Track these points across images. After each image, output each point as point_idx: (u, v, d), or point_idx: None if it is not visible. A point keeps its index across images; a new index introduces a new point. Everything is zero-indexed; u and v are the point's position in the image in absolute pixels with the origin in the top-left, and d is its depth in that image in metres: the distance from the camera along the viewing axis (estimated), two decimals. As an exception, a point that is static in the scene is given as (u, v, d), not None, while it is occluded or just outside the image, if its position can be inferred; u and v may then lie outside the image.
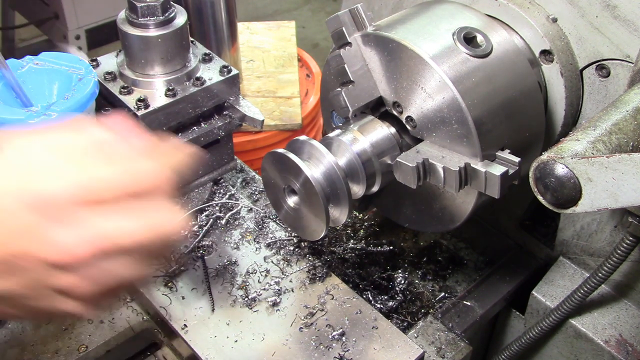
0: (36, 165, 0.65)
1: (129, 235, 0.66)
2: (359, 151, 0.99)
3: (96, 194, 0.65)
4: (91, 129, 0.69)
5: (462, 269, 1.40)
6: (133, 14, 1.10)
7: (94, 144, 0.68)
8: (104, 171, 0.66)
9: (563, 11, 1.10)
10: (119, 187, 0.66)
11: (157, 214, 0.69)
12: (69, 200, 0.64)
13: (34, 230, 0.63)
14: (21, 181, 0.64)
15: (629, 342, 1.20)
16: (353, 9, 1.01)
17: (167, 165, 0.71)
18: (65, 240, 0.63)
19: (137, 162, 0.69)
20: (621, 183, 0.76)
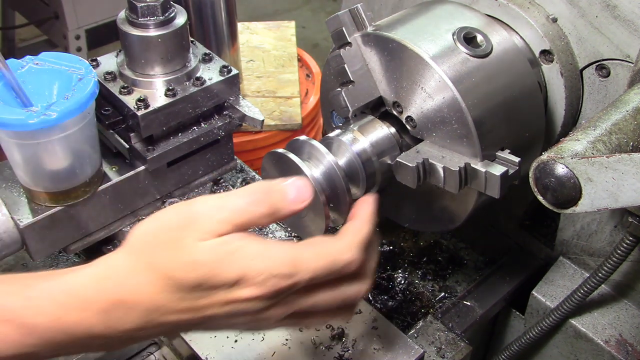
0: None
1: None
2: (359, 151, 0.99)
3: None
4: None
5: (462, 269, 1.40)
6: (133, 14, 1.09)
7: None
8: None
9: (563, 11, 1.10)
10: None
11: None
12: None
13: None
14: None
15: (629, 342, 1.20)
16: (353, 9, 1.01)
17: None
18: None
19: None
20: (621, 183, 0.76)
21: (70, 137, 1.00)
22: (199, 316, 0.77)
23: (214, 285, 0.75)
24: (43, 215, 1.06)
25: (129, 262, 0.77)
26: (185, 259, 0.74)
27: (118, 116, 1.13)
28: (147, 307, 0.76)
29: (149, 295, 0.75)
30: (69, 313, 0.75)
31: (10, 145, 1.00)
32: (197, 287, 0.75)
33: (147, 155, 1.14)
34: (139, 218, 1.22)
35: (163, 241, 0.76)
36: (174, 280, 0.75)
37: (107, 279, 0.77)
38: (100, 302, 0.75)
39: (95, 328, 0.76)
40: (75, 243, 1.14)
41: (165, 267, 0.75)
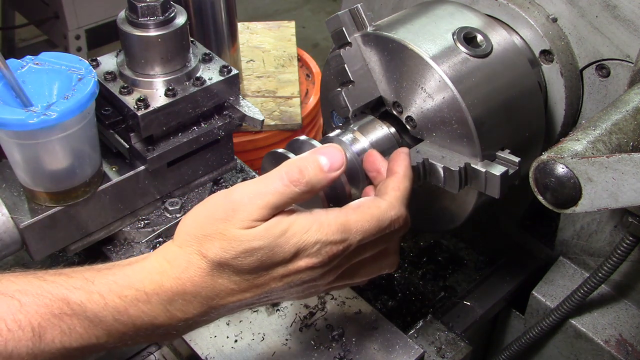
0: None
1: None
2: (359, 151, 0.99)
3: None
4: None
5: (462, 269, 1.41)
6: (133, 14, 1.09)
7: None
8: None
9: (563, 11, 1.10)
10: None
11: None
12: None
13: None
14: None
15: (629, 342, 1.20)
16: (353, 9, 1.01)
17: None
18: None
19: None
20: (621, 183, 0.76)
21: (70, 137, 1.00)
22: (259, 292, 0.82)
23: (272, 264, 0.79)
24: (43, 215, 1.06)
25: (183, 255, 0.81)
26: (237, 249, 0.78)
27: (118, 116, 1.13)
28: (207, 295, 0.80)
29: (208, 283, 0.80)
30: (133, 306, 0.79)
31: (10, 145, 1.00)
32: (255, 269, 0.79)
33: (147, 155, 1.14)
34: (138, 218, 1.22)
35: (211, 234, 0.79)
36: (232, 268, 0.79)
37: (164, 272, 0.80)
38: (162, 294, 0.79)
39: (159, 319, 0.80)
40: (75, 243, 1.14)
41: (219, 258, 0.78)
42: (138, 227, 1.21)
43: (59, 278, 0.80)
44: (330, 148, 0.83)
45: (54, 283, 0.79)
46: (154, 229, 1.21)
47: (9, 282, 0.78)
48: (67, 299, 0.78)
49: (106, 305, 0.78)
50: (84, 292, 0.79)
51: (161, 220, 1.23)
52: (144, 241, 1.20)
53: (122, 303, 0.79)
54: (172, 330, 0.83)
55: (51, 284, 0.79)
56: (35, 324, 0.75)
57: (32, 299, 0.76)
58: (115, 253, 1.20)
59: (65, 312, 0.77)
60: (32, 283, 0.78)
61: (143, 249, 1.20)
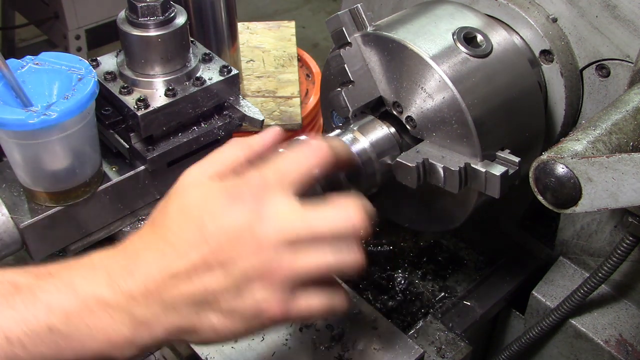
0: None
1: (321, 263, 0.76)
2: (359, 151, 0.99)
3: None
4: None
5: (462, 269, 1.40)
6: (133, 14, 1.09)
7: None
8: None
9: (563, 11, 1.10)
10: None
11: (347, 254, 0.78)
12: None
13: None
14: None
15: (629, 342, 1.20)
16: (353, 9, 1.01)
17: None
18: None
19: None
20: (621, 183, 0.76)
21: (70, 137, 1.00)
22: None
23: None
24: (43, 215, 1.06)
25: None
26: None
27: (118, 116, 1.13)
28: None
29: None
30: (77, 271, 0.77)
31: (10, 145, 1.00)
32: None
33: (147, 155, 1.14)
34: (139, 218, 1.22)
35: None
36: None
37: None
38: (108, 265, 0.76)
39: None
40: (75, 243, 1.14)
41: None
42: (138, 227, 1.21)
43: (8, 269, 0.76)
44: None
45: (2, 270, 0.75)
46: (154, 229, 1.21)
47: None
48: (14, 281, 0.74)
49: (58, 281, 0.75)
50: (32, 275, 0.76)
51: (161, 220, 1.22)
52: (144, 241, 1.20)
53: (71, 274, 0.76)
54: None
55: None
56: None
57: None
58: (115, 253, 1.19)
59: (10, 291, 0.72)
60: None
61: (143, 249, 1.20)
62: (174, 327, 0.74)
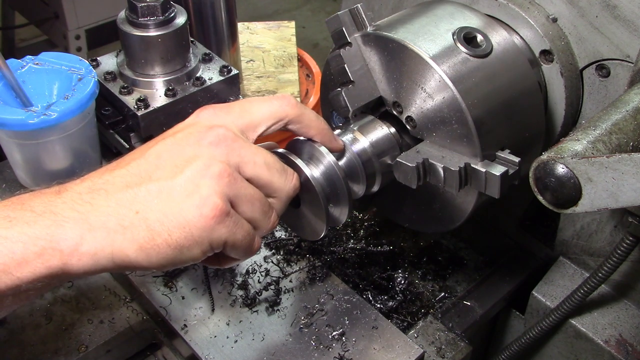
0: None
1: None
2: (359, 151, 0.99)
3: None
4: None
5: (462, 269, 1.40)
6: (133, 14, 1.10)
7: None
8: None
9: (563, 11, 1.10)
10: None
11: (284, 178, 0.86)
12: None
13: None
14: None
15: (629, 342, 1.20)
16: (353, 9, 1.01)
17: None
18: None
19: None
20: (621, 183, 0.76)
21: (70, 137, 1.00)
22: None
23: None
24: (43, 215, 1.06)
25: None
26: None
27: (118, 116, 1.13)
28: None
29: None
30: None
31: (10, 145, 1.00)
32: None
33: (147, 155, 1.14)
34: (139, 218, 1.22)
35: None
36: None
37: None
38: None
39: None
40: (75, 243, 1.14)
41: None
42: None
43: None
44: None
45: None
46: (154, 229, 1.21)
47: None
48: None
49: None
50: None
51: (161, 220, 1.22)
52: (144, 241, 1.20)
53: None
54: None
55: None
56: None
57: None
58: (115, 253, 1.19)
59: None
60: None
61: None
62: (114, 221, 0.72)
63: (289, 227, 1.21)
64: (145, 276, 1.16)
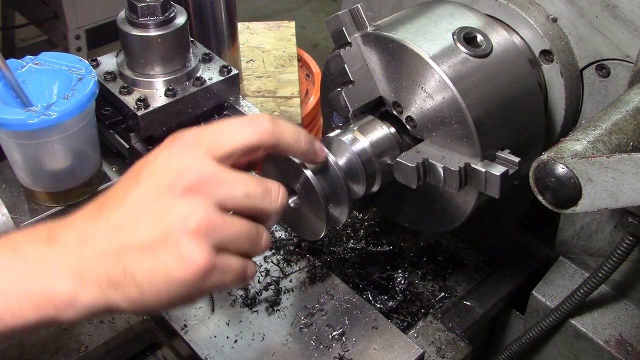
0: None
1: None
2: (359, 151, 0.99)
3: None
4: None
5: (462, 269, 1.40)
6: (133, 14, 1.10)
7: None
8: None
9: (563, 11, 1.10)
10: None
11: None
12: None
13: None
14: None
15: (629, 342, 1.20)
16: (353, 9, 1.01)
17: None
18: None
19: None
20: (621, 183, 0.76)
21: (70, 137, 1.00)
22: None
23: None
24: (43, 215, 1.06)
25: None
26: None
27: (118, 116, 1.13)
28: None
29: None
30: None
31: (10, 145, 1.00)
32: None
33: (147, 155, 1.14)
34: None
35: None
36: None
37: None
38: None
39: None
40: (75, 243, 1.14)
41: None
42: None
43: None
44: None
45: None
46: (154, 229, 1.21)
47: None
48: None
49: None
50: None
51: (161, 220, 1.22)
52: (144, 241, 1.20)
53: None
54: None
55: None
56: None
57: None
58: (115, 253, 1.19)
59: None
60: None
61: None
62: (105, 278, 0.72)
63: (289, 227, 1.21)
64: (145, 276, 1.16)
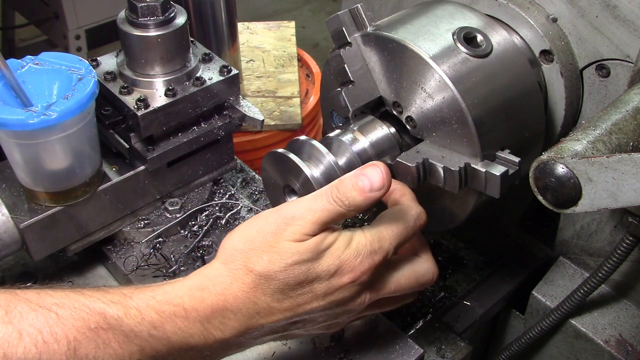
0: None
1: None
2: (359, 151, 0.99)
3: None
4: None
5: (462, 269, 1.40)
6: (133, 14, 1.09)
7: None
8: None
9: (563, 11, 1.10)
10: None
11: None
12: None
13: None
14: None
15: (629, 342, 1.20)
16: (353, 9, 1.01)
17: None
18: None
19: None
20: (621, 183, 0.76)
21: (70, 137, 1.00)
22: (299, 312, 0.83)
23: (316, 278, 0.81)
24: (43, 215, 1.06)
25: (227, 271, 0.81)
26: (287, 261, 0.79)
27: (118, 116, 1.13)
28: (248, 312, 0.81)
29: (251, 299, 0.80)
30: (170, 322, 0.78)
31: (10, 145, 1.00)
32: (300, 284, 0.80)
33: (147, 155, 1.14)
34: (138, 218, 1.22)
35: (259, 246, 0.80)
36: (277, 283, 0.80)
37: (206, 289, 0.81)
38: (201, 310, 0.79)
39: (194, 337, 0.79)
40: (75, 243, 1.14)
41: (266, 271, 0.79)
42: (138, 227, 1.22)
43: (96, 293, 0.80)
44: (371, 170, 0.83)
45: (92, 297, 0.79)
46: (154, 229, 1.21)
47: (46, 296, 0.78)
48: (104, 312, 0.77)
49: (143, 320, 0.78)
50: (121, 307, 0.78)
51: (161, 220, 1.23)
52: (144, 241, 1.20)
53: (159, 318, 0.78)
54: (205, 351, 0.82)
55: (89, 298, 0.78)
56: (71, 338, 0.74)
57: (70, 312, 0.76)
58: (115, 253, 1.20)
59: (101, 325, 0.76)
60: (69, 297, 0.78)
61: (143, 249, 1.20)
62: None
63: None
64: (146, 276, 1.16)
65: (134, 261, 1.17)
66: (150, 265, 1.17)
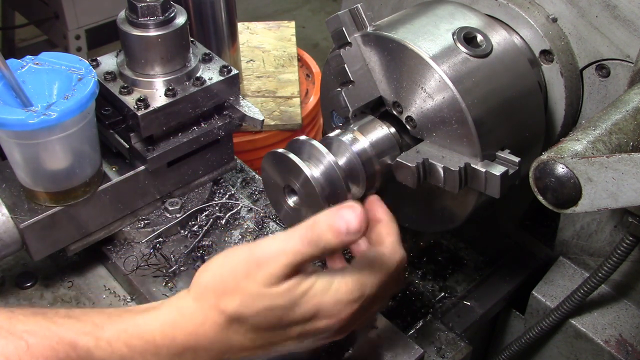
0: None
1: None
2: (359, 151, 0.99)
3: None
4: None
5: (462, 269, 1.40)
6: (133, 14, 1.09)
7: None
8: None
9: (563, 11, 1.10)
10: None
11: None
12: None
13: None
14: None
15: (629, 342, 1.20)
16: (353, 9, 1.01)
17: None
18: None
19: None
20: (621, 183, 0.76)
21: (70, 137, 1.00)
22: (272, 349, 0.82)
23: (290, 323, 0.79)
24: (43, 215, 1.06)
25: (199, 309, 0.80)
26: (258, 305, 0.77)
27: (118, 116, 1.13)
28: (219, 349, 0.80)
29: (223, 339, 0.79)
30: (140, 357, 0.78)
31: (10, 145, 1.00)
32: (273, 327, 0.79)
33: (147, 155, 1.14)
34: (138, 218, 1.22)
35: (232, 288, 0.78)
36: (249, 325, 0.79)
37: (178, 326, 0.80)
38: (172, 347, 0.79)
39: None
40: (75, 243, 1.14)
41: (238, 313, 0.78)
42: (138, 227, 1.22)
43: (68, 321, 0.79)
44: (348, 211, 0.76)
45: (63, 326, 0.78)
46: (154, 229, 1.21)
47: (18, 322, 0.78)
48: (74, 343, 0.77)
49: (113, 354, 0.77)
50: (92, 338, 0.78)
51: (161, 220, 1.23)
52: (144, 241, 1.20)
53: (129, 352, 0.78)
54: None
55: (60, 327, 0.78)
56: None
57: (40, 341, 0.76)
58: (115, 253, 1.20)
59: (71, 356, 0.76)
60: (40, 324, 0.78)
61: (143, 249, 1.20)
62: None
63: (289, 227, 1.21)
64: (146, 276, 1.16)
65: (134, 261, 1.17)
66: (150, 265, 1.17)
